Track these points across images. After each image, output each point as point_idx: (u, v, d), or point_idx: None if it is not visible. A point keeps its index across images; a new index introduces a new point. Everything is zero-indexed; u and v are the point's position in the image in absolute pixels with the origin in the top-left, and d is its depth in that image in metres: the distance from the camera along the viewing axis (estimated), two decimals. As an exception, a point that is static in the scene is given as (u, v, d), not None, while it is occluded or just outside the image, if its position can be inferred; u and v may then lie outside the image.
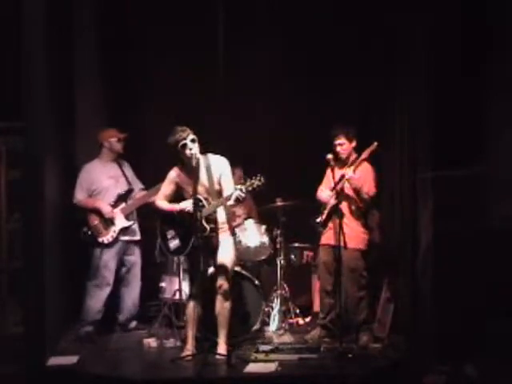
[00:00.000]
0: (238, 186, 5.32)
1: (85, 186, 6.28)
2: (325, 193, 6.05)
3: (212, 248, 5.55)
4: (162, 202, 5.68)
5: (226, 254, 5.57)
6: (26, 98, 5.41)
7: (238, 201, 5.35)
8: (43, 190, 5.50)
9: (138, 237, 6.42)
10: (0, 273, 6.44)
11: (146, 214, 6.50)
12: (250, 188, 5.32)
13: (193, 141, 5.49)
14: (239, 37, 7.08)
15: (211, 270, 5.64)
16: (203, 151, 5.59)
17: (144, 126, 7.21)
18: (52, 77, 5.70)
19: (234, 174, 5.80)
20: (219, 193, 5.54)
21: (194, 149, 5.47)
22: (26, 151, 5.50)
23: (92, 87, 6.89)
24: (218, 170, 5.55)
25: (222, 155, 5.65)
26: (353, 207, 5.93)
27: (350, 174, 5.78)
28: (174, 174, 5.67)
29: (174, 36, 7.09)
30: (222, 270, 5.54)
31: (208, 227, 5.42)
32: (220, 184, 5.54)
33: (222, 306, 5.54)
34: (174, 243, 5.63)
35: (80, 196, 6.28)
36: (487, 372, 5.24)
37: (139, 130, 7.09)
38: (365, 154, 5.82)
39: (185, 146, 5.48)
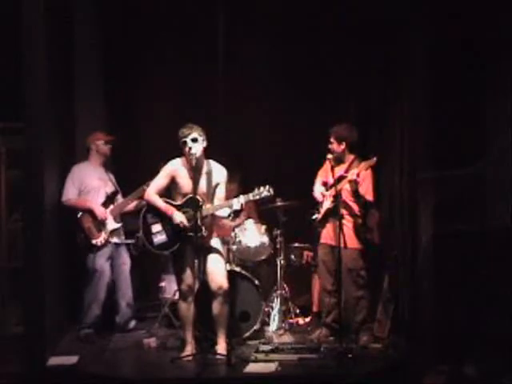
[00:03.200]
0: (243, 196, 5.36)
1: (76, 184, 6.18)
2: (317, 189, 6.05)
3: (203, 249, 5.52)
4: (154, 196, 5.59)
5: (218, 256, 5.57)
6: (26, 98, 5.41)
7: (235, 211, 5.37)
8: (43, 190, 5.50)
9: (123, 239, 6.38)
10: (0, 272, 6.45)
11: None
12: (257, 196, 5.35)
13: (193, 140, 5.47)
14: (239, 38, 7.08)
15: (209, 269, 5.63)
16: (207, 156, 5.60)
17: (144, 127, 7.21)
18: (52, 77, 5.70)
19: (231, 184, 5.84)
20: (212, 199, 5.53)
21: (193, 148, 5.45)
22: (26, 151, 5.49)
23: (92, 87, 6.88)
24: (217, 178, 5.56)
25: (221, 162, 5.65)
26: (350, 208, 5.94)
27: (353, 176, 5.77)
28: (172, 167, 5.61)
29: (174, 36, 7.09)
30: (219, 271, 5.53)
31: (204, 228, 5.41)
32: (214, 191, 5.53)
33: (221, 307, 5.53)
34: (158, 238, 5.58)
35: (70, 194, 6.16)
36: (487, 372, 5.24)
37: (139, 130, 7.10)
38: (362, 168, 5.77)
39: (185, 143, 5.47)
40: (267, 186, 5.39)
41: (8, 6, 5.60)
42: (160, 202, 5.57)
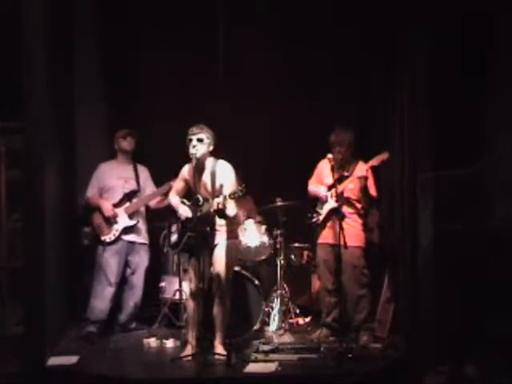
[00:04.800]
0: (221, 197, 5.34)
1: (95, 184, 6.35)
2: (320, 188, 6.06)
3: (209, 249, 5.54)
4: (173, 196, 5.74)
5: (222, 257, 5.55)
6: (26, 97, 5.41)
7: (217, 211, 5.34)
8: (43, 190, 5.50)
9: (143, 239, 6.42)
10: (0, 272, 6.45)
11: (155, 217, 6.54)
12: (232, 197, 5.32)
13: (199, 140, 5.48)
14: (239, 37, 7.08)
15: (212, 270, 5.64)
16: (215, 156, 5.60)
17: (144, 126, 7.21)
18: (52, 77, 5.70)
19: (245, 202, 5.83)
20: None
21: (197, 148, 5.46)
22: (26, 151, 5.50)
23: (92, 87, 6.88)
24: (221, 177, 5.53)
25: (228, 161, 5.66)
26: (354, 207, 5.95)
27: (363, 173, 5.85)
28: (184, 170, 5.71)
29: (175, 36, 7.09)
30: (218, 272, 5.53)
31: (199, 227, 5.42)
32: (221, 191, 5.52)
33: (218, 309, 5.53)
34: (173, 237, 5.71)
35: (89, 193, 6.34)
36: (487, 372, 5.24)
37: (139, 129, 7.09)
38: (374, 162, 5.84)
39: (190, 141, 5.49)
40: (243, 185, 5.30)
41: (8, 6, 5.60)
42: (174, 200, 5.69)
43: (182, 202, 5.68)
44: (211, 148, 5.57)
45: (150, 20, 7.04)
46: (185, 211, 5.58)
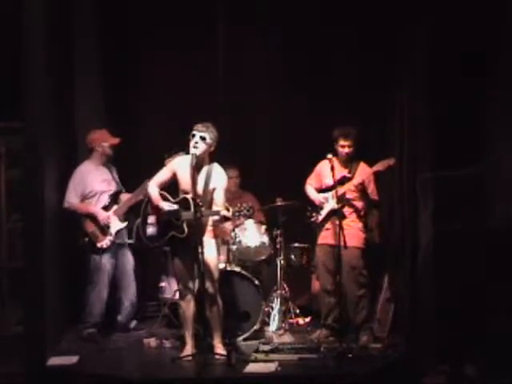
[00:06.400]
0: (223, 210, 5.36)
1: (79, 190, 6.15)
2: (318, 194, 6.06)
3: (195, 249, 5.46)
4: (153, 187, 5.60)
5: (209, 257, 5.50)
6: (25, 98, 5.41)
7: (224, 218, 5.39)
8: (43, 190, 5.50)
9: (127, 239, 6.38)
10: (0, 272, 6.45)
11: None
12: (236, 214, 5.37)
13: (202, 138, 5.45)
14: (239, 36, 7.08)
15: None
16: (213, 160, 5.60)
17: (144, 126, 7.22)
18: (52, 77, 5.70)
19: (229, 175, 5.81)
20: (209, 203, 5.50)
21: (197, 146, 5.44)
22: (26, 151, 5.49)
23: (91, 87, 6.88)
24: (214, 181, 5.52)
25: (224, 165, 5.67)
26: (355, 207, 5.96)
27: (366, 176, 5.92)
28: (176, 162, 5.63)
29: (174, 36, 7.09)
30: (206, 273, 5.46)
31: (186, 230, 5.40)
32: (212, 195, 5.50)
33: (211, 310, 5.53)
34: (150, 230, 5.61)
35: (72, 200, 6.13)
36: (487, 372, 5.24)
37: (138, 129, 7.10)
38: (380, 167, 5.87)
39: (193, 137, 5.46)
40: (250, 205, 5.44)
41: (8, 5, 5.60)
42: (154, 193, 5.56)
43: (164, 197, 5.57)
44: (212, 149, 5.55)
45: (150, 20, 7.04)
46: (164, 205, 5.46)
